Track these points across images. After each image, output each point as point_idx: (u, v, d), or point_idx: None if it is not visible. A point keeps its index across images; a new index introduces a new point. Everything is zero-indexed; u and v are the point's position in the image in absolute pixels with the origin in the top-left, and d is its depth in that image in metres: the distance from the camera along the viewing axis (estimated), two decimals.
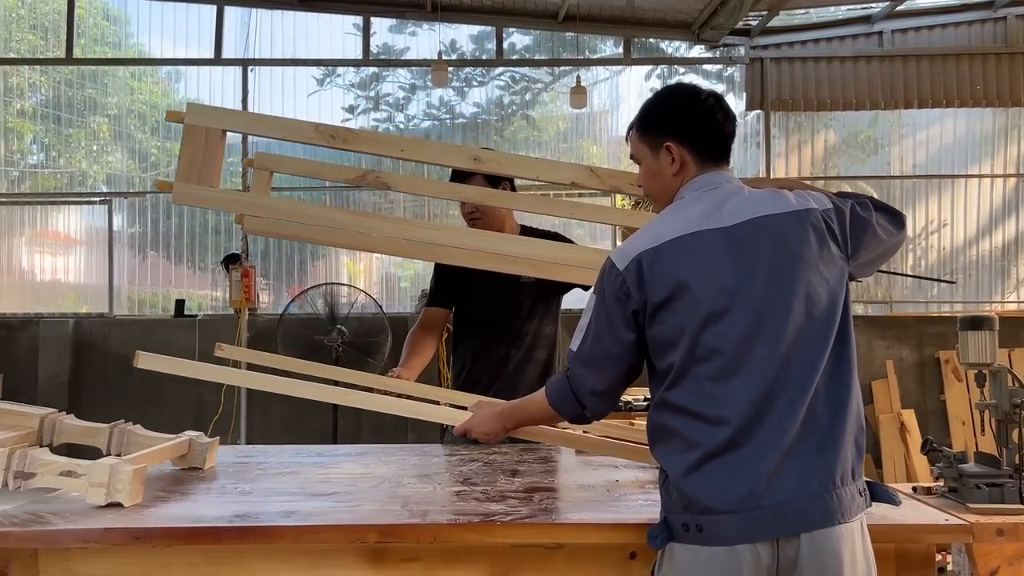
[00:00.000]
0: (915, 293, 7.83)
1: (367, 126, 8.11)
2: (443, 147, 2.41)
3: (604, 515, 1.78)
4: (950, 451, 2.11)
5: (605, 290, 1.62)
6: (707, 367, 1.51)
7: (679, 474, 1.51)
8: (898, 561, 1.74)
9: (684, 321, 1.52)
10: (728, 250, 1.54)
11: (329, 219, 2.17)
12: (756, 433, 1.48)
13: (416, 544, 1.72)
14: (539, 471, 2.20)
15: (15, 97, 8.30)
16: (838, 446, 1.51)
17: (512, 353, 2.82)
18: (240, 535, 1.70)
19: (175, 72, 8.55)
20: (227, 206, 2.40)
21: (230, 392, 7.04)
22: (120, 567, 1.73)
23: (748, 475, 1.47)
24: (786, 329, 1.51)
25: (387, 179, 2.22)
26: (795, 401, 1.49)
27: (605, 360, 1.64)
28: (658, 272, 1.55)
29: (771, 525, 1.46)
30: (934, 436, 2.24)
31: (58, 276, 8.00)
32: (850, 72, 7.63)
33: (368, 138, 2.31)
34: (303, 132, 2.19)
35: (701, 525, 1.48)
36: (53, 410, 2.25)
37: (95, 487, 1.81)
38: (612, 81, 8.21)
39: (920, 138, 7.93)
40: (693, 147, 1.67)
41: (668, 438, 1.56)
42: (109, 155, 8.45)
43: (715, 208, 1.60)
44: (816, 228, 1.58)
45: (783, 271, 1.53)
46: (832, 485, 1.49)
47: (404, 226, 2.24)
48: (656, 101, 1.73)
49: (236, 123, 2.13)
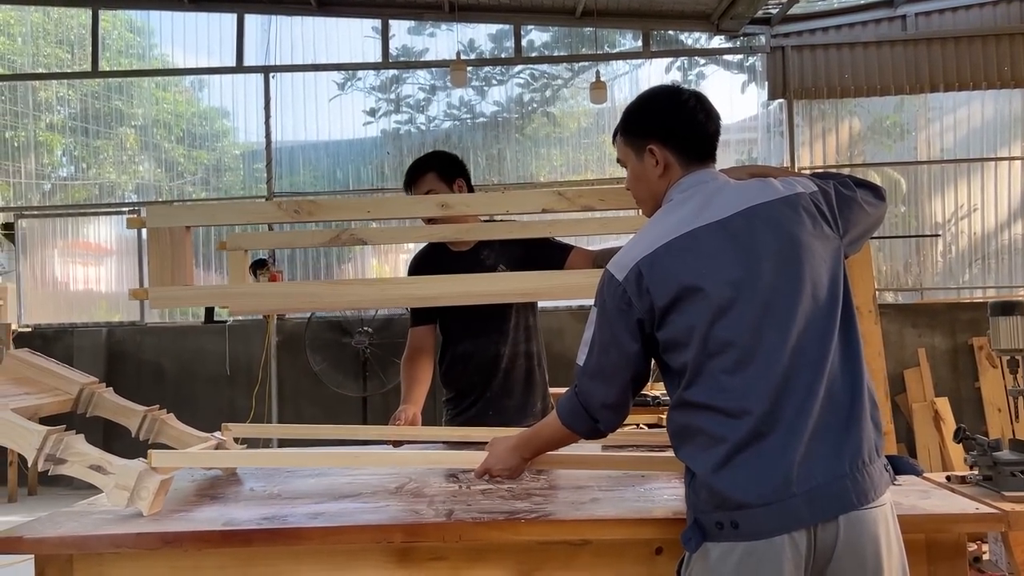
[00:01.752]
0: (945, 279, 7.72)
1: (388, 129, 8.15)
2: (408, 200, 2.44)
3: (630, 511, 1.78)
4: (984, 439, 2.08)
5: (606, 302, 1.61)
6: (721, 361, 1.50)
7: (708, 472, 1.50)
8: (928, 552, 1.72)
9: (693, 320, 1.52)
10: (726, 243, 1.54)
11: (309, 294, 2.17)
12: (779, 420, 1.47)
13: (442, 543, 1.73)
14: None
15: (44, 111, 8.46)
16: (860, 424, 1.50)
17: (502, 351, 2.77)
18: (270, 537, 1.72)
19: (199, 81, 8.66)
20: (206, 302, 2.42)
21: (261, 395, 7.12)
22: (152, 571, 1.75)
23: (778, 464, 1.45)
24: (794, 314, 1.50)
25: (362, 235, 2.21)
26: (813, 384, 1.48)
27: (612, 372, 1.63)
28: (659, 276, 1.55)
29: (808, 512, 1.45)
30: (969, 424, 2.22)
31: (90, 286, 8.14)
32: (873, 57, 7.53)
33: (332, 206, 2.32)
34: (266, 213, 2.22)
35: (736, 521, 1.47)
36: (95, 380, 2.26)
37: (119, 489, 1.83)
38: (632, 75, 8.19)
39: (947, 122, 7.81)
40: (675, 148, 1.67)
41: (692, 436, 1.55)
42: (137, 165, 8.58)
43: (705, 204, 1.60)
44: (807, 211, 1.59)
45: (784, 257, 1.53)
46: (862, 464, 1.48)
47: (382, 286, 2.23)
48: (638, 104, 1.74)
49: (197, 218, 2.14)
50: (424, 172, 2.73)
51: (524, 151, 8.20)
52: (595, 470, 2.11)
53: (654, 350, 1.62)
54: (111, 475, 1.85)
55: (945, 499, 1.81)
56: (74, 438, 1.89)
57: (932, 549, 1.72)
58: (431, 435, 2.55)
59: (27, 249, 8.02)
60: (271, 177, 7.94)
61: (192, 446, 2.21)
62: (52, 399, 2.15)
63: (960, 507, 1.74)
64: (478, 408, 2.77)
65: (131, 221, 1.97)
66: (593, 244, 7.55)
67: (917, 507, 1.72)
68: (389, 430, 2.53)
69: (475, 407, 2.78)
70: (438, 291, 2.27)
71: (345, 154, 8.18)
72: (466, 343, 2.81)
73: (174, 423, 2.27)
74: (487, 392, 2.77)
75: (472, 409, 2.78)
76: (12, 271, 8.03)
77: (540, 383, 2.86)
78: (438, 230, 2.48)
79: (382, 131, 8.18)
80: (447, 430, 2.64)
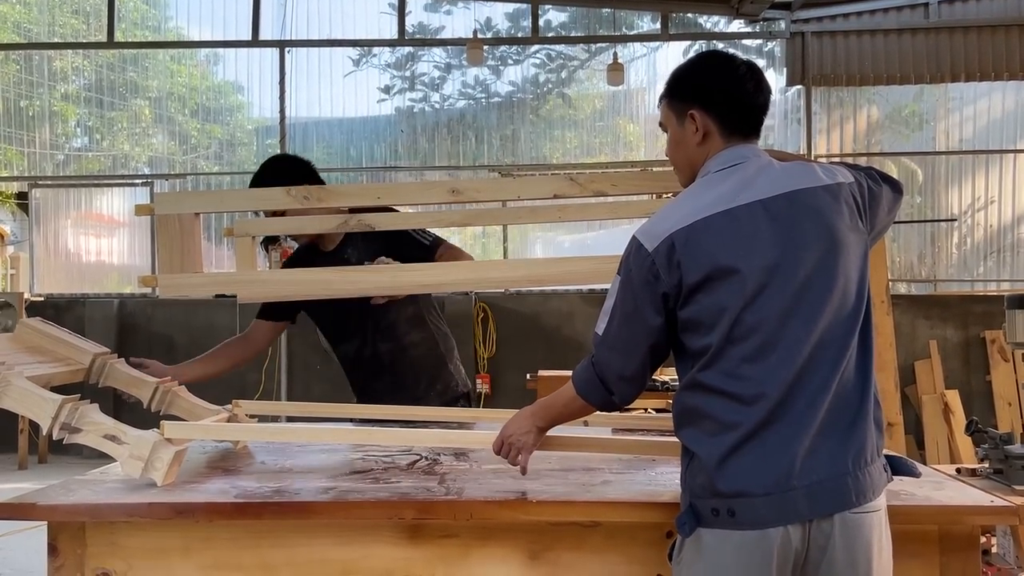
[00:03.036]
0: (960, 272, 7.67)
1: (403, 107, 8.12)
2: (418, 186, 2.40)
3: (641, 493, 1.77)
4: (996, 432, 2.07)
5: (632, 272, 1.55)
6: (743, 347, 1.47)
7: (712, 460, 1.47)
8: (941, 543, 1.71)
9: (725, 301, 1.47)
10: (765, 225, 1.49)
11: (320, 281, 2.14)
12: (790, 411, 1.45)
13: (452, 521, 1.73)
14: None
15: (59, 81, 8.46)
16: (866, 424, 1.49)
17: (380, 348, 2.72)
18: (281, 511, 1.73)
19: (213, 55, 8.64)
20: (215, 289, 2.38)
21: (271, 370, 7.15)
22: (164, 541, 1.76)
23: (783, 455, 1.43)
24: (824, 308, 1.48)
25: (369, 220, 2.18)
26: (827, 380, 1.46)
27: (632, 345, 1.58)
28: (693, 252, 1.48)
29: (807, 506, 1.43)
30: (979, 417, 2.20)
31: (102, 257, 8.17)
32: (895, 45, 7.44)
33: (342, 192, 2.28)
34: (275, 200, 2.15)
35: (733, 509, 1.45)
36: (107, 350, 2.26)
37: (134, 459, 1.84)
38: (649, 58, 8.12)
39: (967, 112, 7.73)
40: (718, 117, 1.60)
41: (699, 420, 1.51)
42: (151, 138, 8.58)
43: (747, 182, 1.54)
44: (847, 202, 1.54)
45: (823, 249, 1.49)
46: (864, 463, 1.47)
47: (393, 273, 2.17)
48: (686, 67, 1.66)
49: (206, 204, 2.12)
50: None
51: (538, 133, 8.16)
52: (606, 453, 2.10)
53: (672, 327, 1.57)
54: (125, 445, 1.85)
55: (959, 491, 1.80)
56: (89, 407, 1.90)
57: (945, 541, 1.70)
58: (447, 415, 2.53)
59: (40, 219, 8.05)
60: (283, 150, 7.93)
61: (204, 419, 2.21)
62: (64, 368, 2.15)
63: (975, 499, 1.73)
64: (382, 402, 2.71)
65: (139, 208, 1.95)
66: (605, 229, 7.39)
67: (931, 498, 1.71)
68: (388, 410, 2.53)
69: (379, 401, 2.72)
70: (454, 277, 2.25)
71: (359, 131, 8.16)
72: (345, 345, 2.78)
73: (185, 395, 2.27)
74: (380, 389, 2.75)
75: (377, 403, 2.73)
76: (25, 240, 8.06)
77: (433, 367, 2.81)
78: (447, 216, 2.45)
79: (396, 109, 8.15)
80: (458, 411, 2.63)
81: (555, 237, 8.21)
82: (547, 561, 1.74)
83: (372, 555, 1.76)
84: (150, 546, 1.76)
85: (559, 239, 8.17)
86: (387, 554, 1.75)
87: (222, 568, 1.77)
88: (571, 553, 1.75)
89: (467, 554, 1.75)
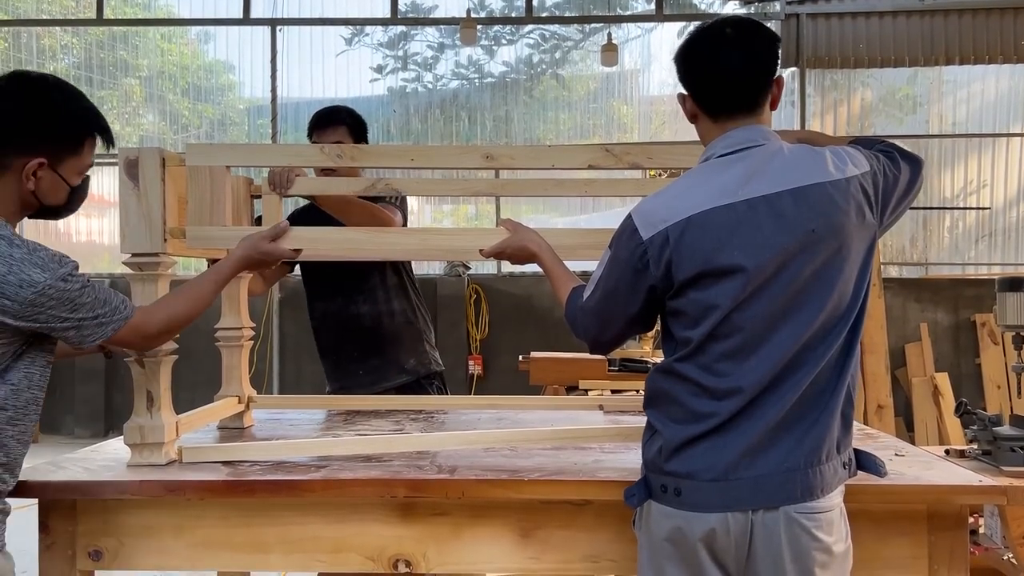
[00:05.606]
0: (951, 255, 7.69)
1: (395, 87, 8.06)
2: (453, 149, 2.28)
3: (632, 472, 1.78)
4: (985, 414, 2.08)
5: (621, 254, 1.51)
6: (726, 344, 1.43)
7: (673, 444, 1.47)
8: (930, 522, 1.72)
9: (716, 299, 1.43)
10: (767, 224, 1.42)
11: (348, 239, 2.08)
12: (758, 408, 1.43)
13: (444, 499, 1.74)
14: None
15: (48, 59, 8.36)
16: (830, 421, 1.45)
17: (362, 309, 2.77)
18: (273, 488, 1.73)
19: (204, 33, 8.55)
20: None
21: (263, 351, 7.14)
22: (155, 518, 1.76)
23: (738, 446, 1.43)
24: (816, 316, 1.43)
25: (397, 185, 2.16)
26: (802, 380, 1.43)
27: (610, 317, 1.57)
28: (688, 248, 1.43)
29: (750, 496, 1.42)
30: (968, 400, 2.21)
31: (93, 237, 8.13)
32: (889, 28, 7.42)
33: (376, 152, 2.23)
34: (307, 156, 2.11)
35: (680, 488, 1.45)
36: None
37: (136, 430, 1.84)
38: (644, 39, 8.08)
39: (961, 96, 7.73)
40: (699, 99, 1.53)
41: (668, 405, 1.50)
42: (141, 117, 8.51)
43: (752, 172, 1.46)
44: (855, 198, 1.46)
45: (826, 255, 1.43)
46: (816, 461, 1.44)
47: (423, 235, 2.10)
48: (680, 45, 1.57)
49: (237, 157, 2.07)
50: (337, 124, 2.68)
51: (532, 114, 8.12)
52: (607, 442, 2.09)
53: (659, 309, 1.55)
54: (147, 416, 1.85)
55: (947, 471, 1.81)
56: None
57: (933, 520, 1.72)
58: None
59: None
60: (276, 133, 7.87)
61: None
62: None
63: (963, 479, 1.74)
64: (349, 366, 2.80)
65: (171, 158, 1.91)
66: (598, 211, 7.36)
67: (920, 478, 1.72)
68: (393, 399, 2.54)
69: (347, 365, 2.80)
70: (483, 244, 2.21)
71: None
72: (325, 302, 2.81)
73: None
74: (353, 350, 2.78)
75: (344, 367, 2.81)
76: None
77: (410, 339, 2.85)
78: (474, 184, 2.43)
79: (389, 89, 8.10)
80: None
81: (548, 219, 8.19)
82: (538, 539, 1.75)
83: (364, 533, 1.76)
84: (141, 524, 1.77)
85: (552, 221, 8.15)
86: (379, 532, 1.76)
87: (214, 546, 1.77)
88: (562, 531, 1.76)
89: (458, 532, 1.76)
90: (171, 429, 1.86)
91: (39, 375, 1.61)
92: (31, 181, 1.60)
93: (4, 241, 1.51)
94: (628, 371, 4.11)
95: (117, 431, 2.31)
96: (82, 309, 1.57)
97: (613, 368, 4.10)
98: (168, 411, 1.87)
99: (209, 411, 2.16)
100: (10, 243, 1.52)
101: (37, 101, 1.59)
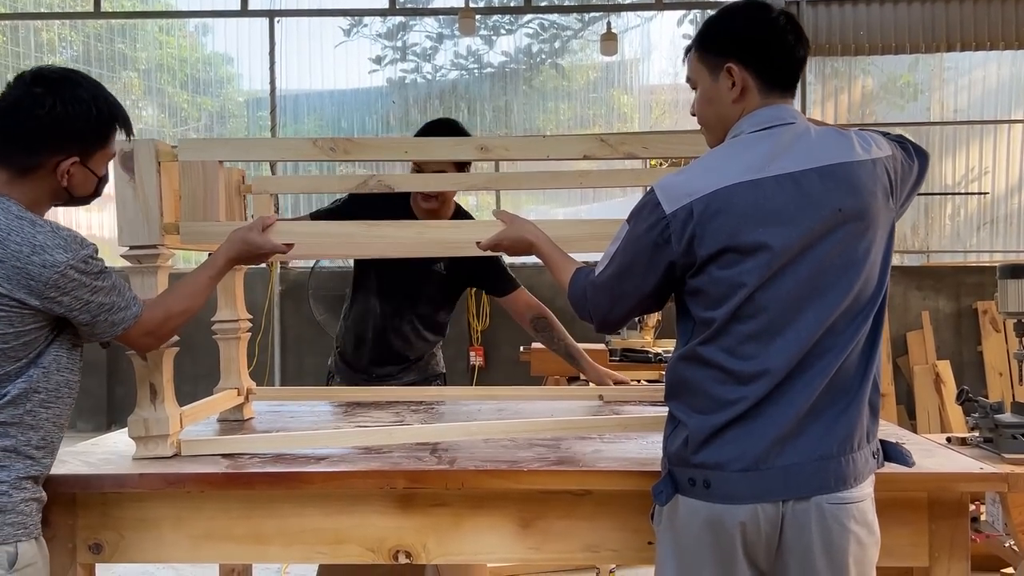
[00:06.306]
0: (953, 242, 7.67)
1: (394, 78, 8.03)
2: (447, 142, 2.22)
3: (632, 462, 1.78)
4: (986, 401, 2.08)
5: (640, 228, 1.47)
6: (751, 325, 1.41)
7: (700, 435, 1.44)
8: (931, 510, 1.72)
9: (741, 278, 1.40)
10: (795, 200, 1.40)
11: (343, 234, 2.05)
12: (786, 393, 1.40)
13: (444, 490, 1.74)
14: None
15: (47, 53, 8.34)
16: (859, 409, 1.44)
17: (406, 329, 2.79)
18: (273, 481, 1.73)
19: (203, 25, 8.52)
20: None
21: (264, 343, 7.14)
22: (155, 511, 1.77)
23: (768, 435, 1.40)
24: (844, 296, 1.41)
25: (389, 180, 2.14)
26: (829, 365, 1.41)
27: (622, 295, 1.53)
28: (713, 224, 1.40)
29: (782, 486, 1.40)
30: (970, 387, 2.21)
31: (92, 231, 8.12)
32: (890, 15, 7.38)
33: (369, 145, 2.21)
34: (300, 150, 2.08)
35: (709, 481, 1.43)
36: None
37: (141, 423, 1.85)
38: (643, 28, 8.04)
39: (962, 83, 7.69)
40: (757, 72, 1.49)
41: (692, 394, 1.47)
42: (141, 110, 8.49)
43: (779, 150, 1.44)
44: (881, 180, 1.46)
45: (853, 233, 1.42)
46: (849, 448, 1.42)
47: (420, 229, 2.08)
48: (720, 17, 1.53)
49: (231, 152, 2.05)
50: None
51: (531, 104, 8.10)
52: (606, 432, 2.09)
53: (678, 288, 1.51)
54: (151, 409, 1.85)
55: (948, 458, 1.81)
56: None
57: (934, 507, 1.72)
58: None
59: None
60: (275, 125, 7.85)
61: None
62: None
63: (963, 466, 1.74)
64: (369, 365, 2.83)
65: (164, 154, 1.90)
66: (599, 201, 7.35)
67: (920, 465, 1.71)
68: (397, 391, 2.54)
69: (364, 361, 2.83)
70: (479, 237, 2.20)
71: (350, 103, 8.08)
72: (373, 303, 2.78)
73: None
74: (377, 354, 2.81)
75: (359, 362, 2.84)
76: None
77: (427, 354, 2.90)
78: (468, 178, 2.42)
79: (387, 80, 8.07)
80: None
81: (549, 210, 8.17)
82: (538, 529, 1.75)
83: (364, 524, 1.76)
84: (142, 517, 1.77)
85: (553, 212, 8.14)
86: (379, 523, 1.76)
87: (214, 538, 1.77)
88: (562, 521, 1.76)
89: (458, 523, 1.76)
90: (175, 421, 1.86)
91: (67, 357, 1.62)
92: (64, 178, 1.61)
93: (27, 222, 1.52)
94: (629, 361, 4.11)
95: (119, 424, 2.32)
96: (100, 293, 1.58)
97: (614, 358, 4.11)
98: (172, 403, 1.87)
99: (209, 403, 2.16)
100: (33, 224, 1.53)
101: (69, 104, 1.59)
